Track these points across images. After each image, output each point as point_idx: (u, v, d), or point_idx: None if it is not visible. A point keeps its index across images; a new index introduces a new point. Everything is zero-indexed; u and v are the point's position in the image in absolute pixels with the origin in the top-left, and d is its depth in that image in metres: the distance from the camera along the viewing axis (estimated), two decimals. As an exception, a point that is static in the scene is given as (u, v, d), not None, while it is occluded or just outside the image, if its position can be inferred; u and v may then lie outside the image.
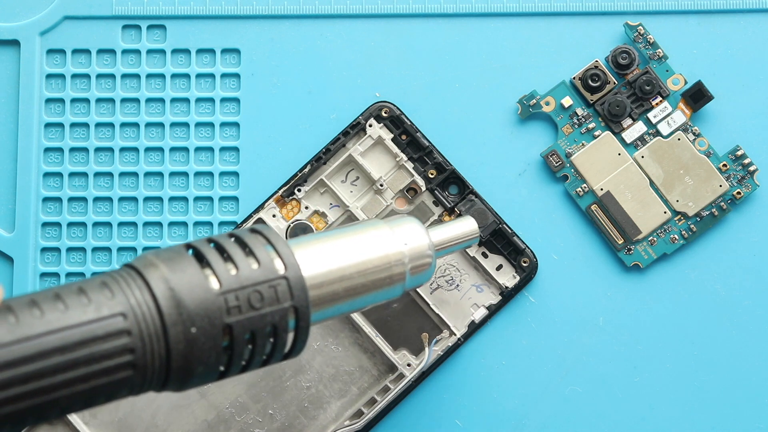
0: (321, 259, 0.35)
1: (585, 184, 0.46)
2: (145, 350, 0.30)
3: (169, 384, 0.31)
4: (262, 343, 0.32)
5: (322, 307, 0.35)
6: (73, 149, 0.47)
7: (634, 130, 0.46)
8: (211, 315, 0.31)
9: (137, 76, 0.47)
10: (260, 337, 0.32)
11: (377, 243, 0.37)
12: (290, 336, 0.33)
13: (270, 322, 0.32)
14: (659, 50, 0.46)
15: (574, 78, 0.46)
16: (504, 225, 0.45)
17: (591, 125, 0.46)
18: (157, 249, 0.32)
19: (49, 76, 0.47)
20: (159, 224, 0.46)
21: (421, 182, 0.46)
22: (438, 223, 0.44)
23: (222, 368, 0.32)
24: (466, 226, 0.41)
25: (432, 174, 0.46)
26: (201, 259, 0.32)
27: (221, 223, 0.46)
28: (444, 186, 0.46)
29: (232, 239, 0.33)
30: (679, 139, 0.46)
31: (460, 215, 0.45)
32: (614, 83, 0.46)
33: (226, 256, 0.32)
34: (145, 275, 0.31)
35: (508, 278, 0.45)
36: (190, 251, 0.32)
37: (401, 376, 0.45)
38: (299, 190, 0.46)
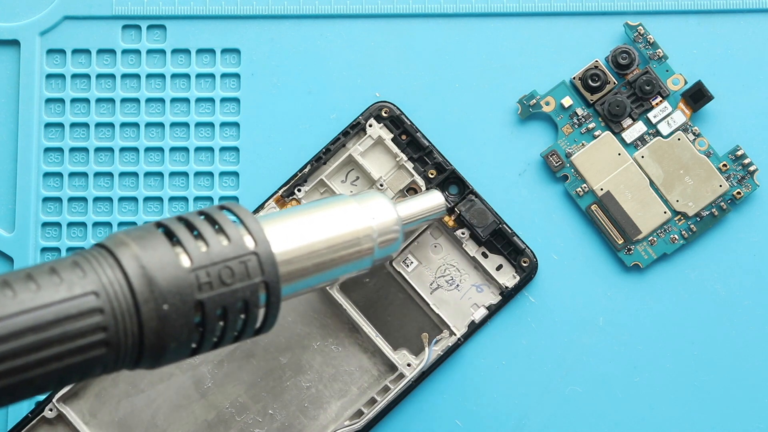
0: (291, 235, 0.35)
1: (585, 184, 0.46)
2: (117, 328, 0.30)
3: (143, 361, 0.32)
4: (233, 319, 0.33)
5: (293, 281, 0.35)
6: (73, 149, 0.47)
7: (634, 130, 0.46)
8: (182, 292, 0.31)
9: (137, 76, 0.47)
10: (232, 313, 0.32)
11: (346, 218, 0.37)
12: (261, 311, 0.34)
13: (241, 297, 0.32)
14: (659, 50, 0.46)
15: (574, 78, 0.46)
16: (504, 225, 0.45)
17: (591, 125, 0.46)
18: (128, 228, 0.33)
19: (49, 76, 0.47)
20: (159, 224, 0.46)
21: (421, 182, 0.46)
22: (405, 198, 0.44)
23: (194, 345, 0.32)
24: (433, 199, 0.42)
25: (432, 174, 0.46)
26: (171, 237, 0.32)
27: (221, 223, 0.46)
28: (444, 186, 0.46)
29: (202, 216, 0.33)
30: (679, 139, 0.46)
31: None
32: (614, 83, 0.46)
33: (196, 233, 0.33)
34: (117, 254, 0.31)
35: (508, 278, 0.45)
36: (161, 229, 0.33)
37: (401, 376, 0.45)
38: (299, 190, 0.46)
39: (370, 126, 0.46)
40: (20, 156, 0.46)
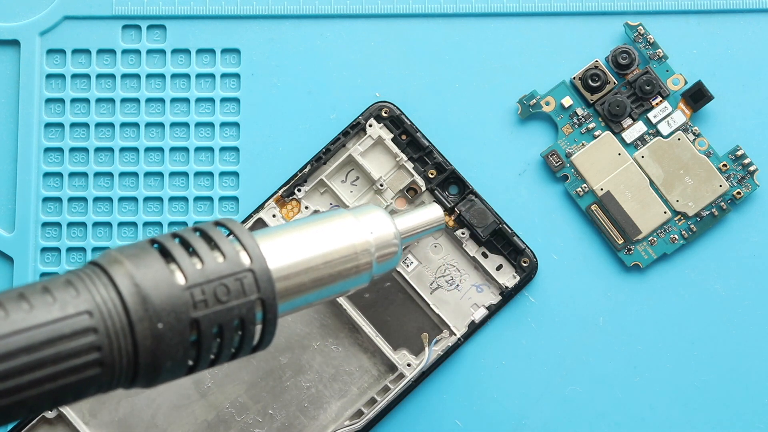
0: (287, 251, 0.35)
1: (585, 184, 0.46)
2: (111, 347, 0.30)
3: (138, 380, 0.31)
4: (230, 337, 0.32)
5: (290, 298, 0.35)
6: (73, 149, 0.47)
7: (634, 130, 0.46)
8: (177, 310, 0.31)
9: (137, 76, 0.47)
10: (228, 331, 0.32)
11: (343, 233, 0.36)
12: (258, 328, 0.33)
13: (237, 315, 0.32)
14: (659, 50, 0.46)
15: (574, 78, 0.46)
16: (504, 225, 0.45)
17: (591, 125, 0.46)
18: (123, 245, 0.32)
19: (49, 76, 0.47)
20: (159, 224, 0.46)
21: (421, 182, 0.46)
22: (404, 211, 0.43)
23: (191, 362, 0.32)
24: (432, 213, 0.41)
25: (432, 174, 0.46)
26: (166, 255, 0.32)
27: (221, 223, 0.46)
28: (444, 186, 0.46)
29: (197, 233, 0.33)
30: (679, 139, 0.46)
31: (457, 212, 0.45)
32: (614, 83, 0.46)
33: (191, 250, 0.32)
34: (110, 272, 0.31)
35: (508, 278, 0.45)
36: (156, 246, 0.32)
37: (401, 376, 0.45)
38: (299, 190, 0.46)
39: (370, 126, 0.46)
40: (20, 156, 0.46)
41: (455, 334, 0.45)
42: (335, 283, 0.36)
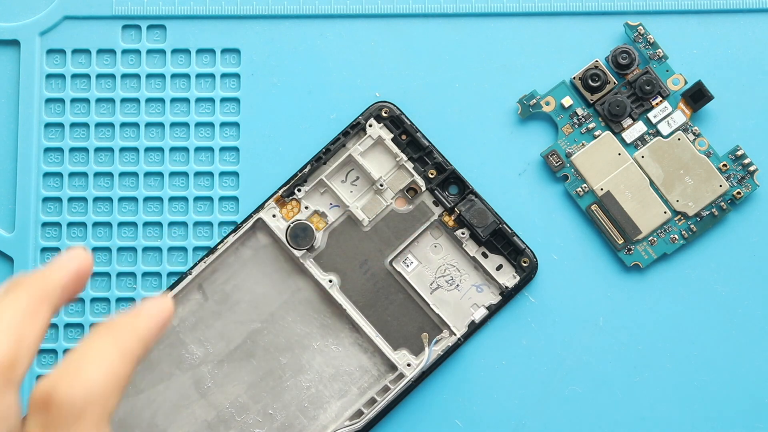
0: None
1: (585, 184, 0.46)
2: None
3: None
4: None
5: None
6: (73, 149, 0.47)
7: (634, 130, 0.46)
8: None
9: (137, 76, 0.47)
10: None
11: None
12: None
13: None
14: (659, 50, 0.46)
15: (574, 78, 0.46)
16: (504, 225, 0.45)
17: (591, 125, 0.46)
18: None
19: (49, 76, 0.47)
20: (159, 224, 0.46)
21: (421, 182, 0.46)
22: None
23: None
24: None
25: (432, 174, 0.46)
26: None
27: (221, 223, 0.46)
28: (444, 186, 0.46)
29: None
30: (679, 139, 0.46)
31: (459, 215, 0.45)
32: (614, 83, 0.46)
33: None
34: None
35: (508, 278, 0.45)
36: None
37: (401, 376, 0.45)
38: (299, 190, 0.46)
39: (370, 126, 0.46)
40: (20, 156, 0.46)
41: (455, 334, 0.45)
42: None
